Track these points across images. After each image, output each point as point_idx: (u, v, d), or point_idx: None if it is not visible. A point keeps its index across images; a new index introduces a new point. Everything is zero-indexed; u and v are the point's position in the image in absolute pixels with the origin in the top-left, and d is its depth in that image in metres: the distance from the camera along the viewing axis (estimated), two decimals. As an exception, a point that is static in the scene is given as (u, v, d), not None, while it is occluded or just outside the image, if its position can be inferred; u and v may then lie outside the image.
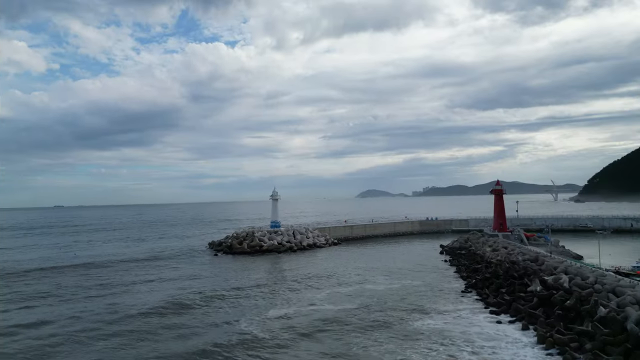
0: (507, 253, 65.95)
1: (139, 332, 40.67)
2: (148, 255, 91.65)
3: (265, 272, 70.74)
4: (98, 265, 78.56)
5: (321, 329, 40.95)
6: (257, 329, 40.80)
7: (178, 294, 55.11)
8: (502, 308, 45.08)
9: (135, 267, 77.01)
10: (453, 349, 35.21)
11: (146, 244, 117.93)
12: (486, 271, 58.75)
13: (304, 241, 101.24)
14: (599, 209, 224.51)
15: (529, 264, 56.13)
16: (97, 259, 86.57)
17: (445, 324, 41.97)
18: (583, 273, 46.28)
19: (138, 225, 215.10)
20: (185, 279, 65.62)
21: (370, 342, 37.23)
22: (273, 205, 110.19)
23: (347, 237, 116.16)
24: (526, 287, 48.15)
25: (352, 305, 49.62)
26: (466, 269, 65.50)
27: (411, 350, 35.30)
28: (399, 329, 40.72)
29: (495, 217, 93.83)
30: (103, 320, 44.51)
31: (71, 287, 60.48)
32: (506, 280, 52.69)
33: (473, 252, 77.63)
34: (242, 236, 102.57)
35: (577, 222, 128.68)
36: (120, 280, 65.00)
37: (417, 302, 50.52)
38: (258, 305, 50.11)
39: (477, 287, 54.72)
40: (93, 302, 52.59)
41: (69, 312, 47.93)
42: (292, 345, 36.80)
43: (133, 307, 49.13)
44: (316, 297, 53.34)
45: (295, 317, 44.86)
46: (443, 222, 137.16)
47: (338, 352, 35.12)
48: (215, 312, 47.55)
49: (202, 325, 42.51)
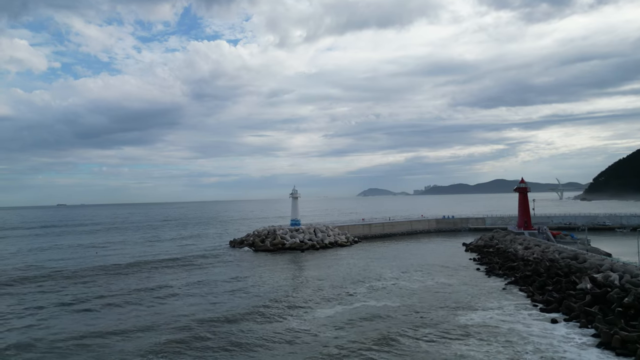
0: (542, 251, 65.43)
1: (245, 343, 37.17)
2: (176, 255, 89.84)
3: (299, 270, 70.13)
4: (136, 267, 75.80)
5: (367, 326, 40.57)
6: (305, 326, 40.43)
7: (244, 298, 52.34)
8: (553, 306, 44.53)
9: (173, 268, 74.74)
10: (513, 347, 34.65)
11: (167, 243, 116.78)
12: (525, 269, 58.20)
13: (326, 239, 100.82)
14: (609, 207, 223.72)
15: (570, 262, 55.62)
16: (128, 259, 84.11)
17: (494, 320, 41.41)
18: (631, 271, 45.75)
19: (149, 224, 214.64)
20: (234, 280, 62.66)
21: (423, 339, 36.84)
22: (293, 204, 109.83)
23: (366, 235, 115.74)
24: (574, 285, 47.66)
25: (393, 302, 49.16)
26: (500, 267, 65.00)
27: (466, 346, 34.84)
28: (448, 326, 40.17)
29: (519, 214, 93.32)
30: (200, 326, 40.80)
31: (128, 290, 56.52)
32: (550, 277, 52.16)
33: (503, 250, 77.11)
34: (263, 234, 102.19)
35: (595, 220, 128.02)
36: (170, 283, 61.27)
37: (457, 299, 50.04)
38: (304, 301, 49.80)
39: (518, 285, 54.28)
40: (165, 306, 48.67)
41: (150, 319, 43.81)
42: (344, 341, 36.31)
43: (213, 312, 45.49)
44: (356, 293, 52.86)
45: (340, 314, 44.53)
46: (459, 220, 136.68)
47: (394, 349, 34.63)
48: (275, 315, 47.03)
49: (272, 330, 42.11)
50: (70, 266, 77.56)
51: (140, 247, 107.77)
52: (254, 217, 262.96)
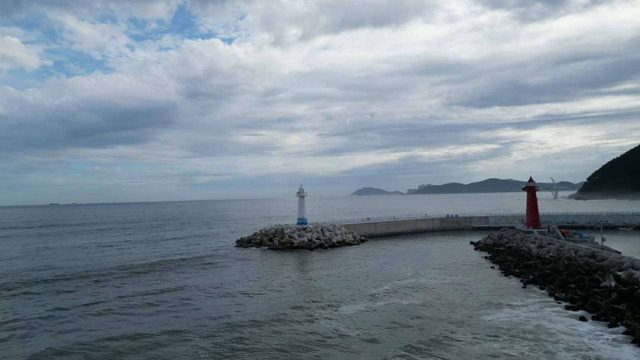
0: (557, 249, 65.84)
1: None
2: (185, 255, 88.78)
3: (314, 270, 69.74)
4: (147, 267, 74.75)
5: (398, 324, 40.64)
6: (340, 325, 40.36)
7: (267, 299, 51.52)
8: (578, 303, 44.80)
9: (184, 268, 73.74)
10: (545, 345, 34.60)
11: (172, 243, 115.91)
12: (544, 267, 58.48)
13: (334, 238, 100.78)
14: (606, 206, 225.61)
15: (589, 260, 56.03)
16: (138, 259, 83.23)
17: (521, 319, 41.60)
18: (655, 268, 46.20)
19: (149, 223, 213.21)
20: (251, 281, 61.60)
21: (455, 337, 36.86)
22: (300, 202, 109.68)
23: (372, 234, 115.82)
24: (597, 282, 47.98)
25: (417, 300, 49.32)
26: (516, 265, 65.28)
27: (497, 344, 35.08)
28: (477, 324, 40.40)
29: (528, 213, 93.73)
30: (232, 330, 39.85)
31: (145, 292, 55.50)
32: (571, 275, 52.47)
33: (515, 248, 77.49)
34: (271, 233, 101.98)
35: (597, 219, 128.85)
36: (186, 283, 60.10)
37: (480, 296, 50.29)
38: (332, 299, 49.81)
39: (538, 283, 54.54)
40: (188, 309, 47.24)
41: (176, 322, 42.65)
42: (380, 340, 36.30)
43: (241, 315, 44.32)
44: (379, 292, 52.89)
45: (369, 312, 44.56)
46: (463, 219, 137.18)
47: (427, 347, 34.62)
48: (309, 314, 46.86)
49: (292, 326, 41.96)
50: (81, 266, 76.89)
51: (147, 247, 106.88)
52: (253, 216, 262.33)
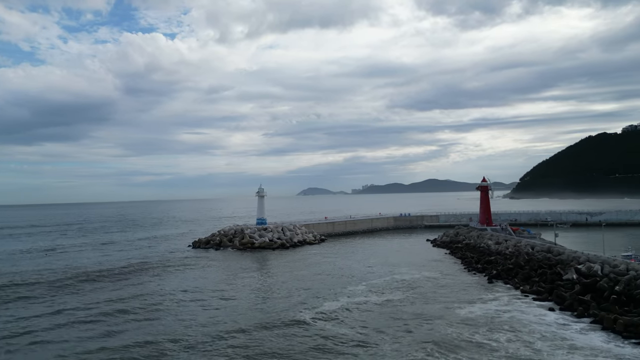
0: (514, 245, 69.65)
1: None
2: (144, 259, 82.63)
3: (283, 270, 68.78)
4: (105, 272, 68.79)
5: (382, 320, 41.46)
6: (328, 325, 40.39)
7: (243, 303, 49.88)
8: (544, 295, 47.75)
9: (143, 272, 68.79)
10: (521, 335, 36.47)
11: (122, 246, 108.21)
12: (506, 262, 61.64)
13: (295, 238, 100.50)
14: (539, 205, 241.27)
15: (547, 255, 59.73)
16: (92, 265, 75.98)
17: (494, 311, 43.66)
18: (609, 262, 50.01)
19: (91, 225, 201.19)
20: (221, 284, 59.21)
21: (436, 329, 38.39)
22: (259, 202, 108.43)
23: (330, 234, 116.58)
24: (559, 276, 51.27)
25: (394, 296, 50.41)
26: (477, 261, 68.38)
27: (479, 335, 36.79)
28: (453, 317, 42.04)
29: (481, 211, 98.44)
30: (215, 341, 36.91)
31: (110, 300, 50.97)
32: (534, 270, 55.71)
33: (473, 245, 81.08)
34: (230, 233, 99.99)
35: (537, 217, 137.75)
36: (152, 290, 55.81)
37: (451, 291, 52.50)
38: (310, 298, 49.54)
39: (502, 278, 57.38)
40: (161, 316, 44.02)
41: (150, 330, 40.88)
42: (371, 337, 36.74)
43: (221, 323, 41.51)
44: (356, 289, 53.49)
45: (351, 306, 45.14)
46: (415, 217, 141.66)
47: (419, 342, 35.51)
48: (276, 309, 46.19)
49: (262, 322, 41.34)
50: (28, 272, 70.87)
51: (95, 251, 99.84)
52: (200, 217, 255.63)
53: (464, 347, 34.20)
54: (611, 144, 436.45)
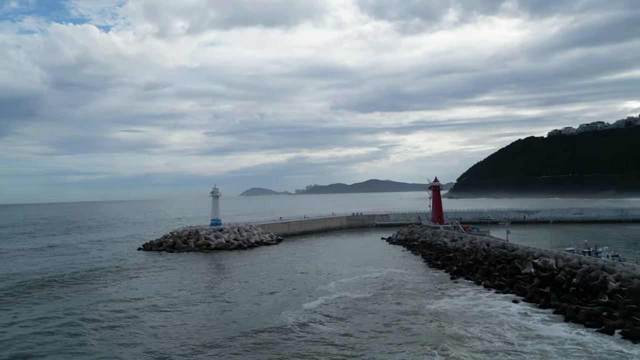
0: (470, 242, 72.95)
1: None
2: (91, 265, 75.85)
3: (246, 271, 67.32)
4: (50, 281, 62.83)
5: (360, 317, 42.18)
6: (306, 326, 40.29)
7: (217, 307, 47.91)
8: (506, 289, 50.42)
9: (99, 279, 63.01)
10: (492, 327, 38.42)
11: (64, 250, 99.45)
12: (466, 259, 64.38)
13: (252, 238, 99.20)
14: (478, 204, 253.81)
15: (502, 251, 63.09)
16: (35, 274, 68.52)
17: (463, 305, 45.60)
18: (562, 256, 53.69)
19: (21, 229, 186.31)
20: (186, 287, 56.78)
21: (414, 325, 39.67)
22: (214, 203, 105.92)
23: (285, 234, 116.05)
24: (517, 270, 54.32)
25: (366, 293, 51.18)
26: (437, 258, 70.97)
27: (454, 327, 38.56)
28: (427, 312, 43.60)
29: (434, 210, 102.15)
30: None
31: (70, 313, 46.17)
32: (492, 265, 58.63)
33: (429, 242, 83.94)
34: (184, 235, 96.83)
35: (480, 215, 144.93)
36: (112, 297, 52.12)
37: (419, 287, 54.33)
38: (286, 299, 48.95)
39: (463, 273, 59.91)
40: (143, 332, 39.43)
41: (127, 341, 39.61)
42: (350, 334, 37.18)
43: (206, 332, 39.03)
44: (328, 288, 53.68)
45: (329, 306, 45.34)
46: (367, 217, 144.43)
47: (398, 337, 36.40)
48: (252, 311, 45.24)
49: (248, 322, 40.52)
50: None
51: (34, 256, 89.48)
52: (146, 219, 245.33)
53: (446, 340, 35.40)
54: (538, 147, 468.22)
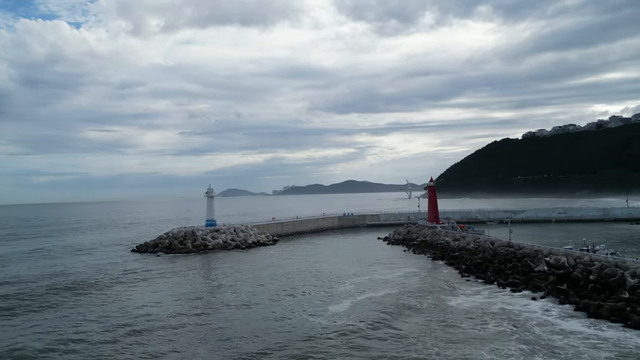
0: (474, 241, 74.04)
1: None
2: (87, 270, 71.46)
3: (254, 273, 65.80)
4: (57, 289, 58.79)
5: (389, 315, 42.41)
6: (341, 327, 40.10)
7: (239, 311, 47.81)
8: (521, 287, 51.30)
9: (97, 289, 57.93)
10: (518, 323, 39.03)
11: (52, 255, 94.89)
12: (474, 257, 65.27)
13: (249, 239, 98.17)
14: (458, 204, 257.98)
15: (509, 249, 64.23)
16: (38, 278, 65.59)
17: (481, 303, 46.26)
18: (572, 254, 55.07)
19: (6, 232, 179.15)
20: (193, 292, 54.43)
21: (445, 320, 40.39)
22: (208, 203, 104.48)
23: (280, 234, 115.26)
24: (529, 268, 55.42)
25: (388, 291, 51.34)
26: (442, 257, 71.87)
27: (491, 324, 39.00)
28: (449, 309, 44.31)
29: (430, 210, 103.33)
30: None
31: (85, 319, 44.16)
32: (503, 263, 59.59)
33: (430, 242, 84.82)
34: (180, 236, 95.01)
35: (468, 215, 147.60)
36: (124, 305, 48.66)
37: (435, 285, 54.99)
38: (308, 303, 48.28)
39: (472, 272, 60.69)
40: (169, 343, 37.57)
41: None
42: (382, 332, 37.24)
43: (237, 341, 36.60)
44: (347, 289, 53.39)
45: (357, 307, 45.11)
46: (358, 217, 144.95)
47: (434, 335, 36.66)
48: (272, 316, 44.65)
49: (275, 327, 40.03)
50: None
51: (28, 261, 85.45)
52: (125, 220, 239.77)
53: (482, 337, 35.88)
54: (513, 148, 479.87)
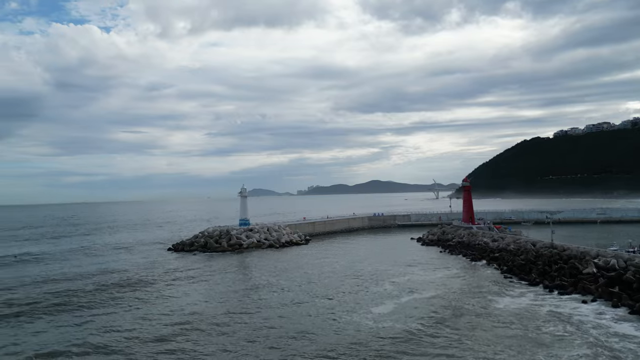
0: (514, 242, 72.49)
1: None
2: (123, 270, 71.85)
3: (294, 272, 65.78)
4: (111, 286, 59.06)
5: (437, 316, 41.85)
6: (389, 324, 39.79)
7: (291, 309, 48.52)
8: (569, 289, 49.82)
9: (143, 289, 57.40)
10: (571, 326, 37.96)
11: (93, 253, 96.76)
12: (515, 259, 63.86)
13: (282, 238, 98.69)
14: (489, 204, 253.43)
15: (552, 251, 62.53)
16: (83, 275, 66.89)
17: (529, 304, 45.09)
18: (621, 255, 53.18)
19: (34, 231, 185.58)
20: (243, 290, 54.98)
21: (500, 323, 39.48)
22: (242, 202, 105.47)
23: (311, 233, 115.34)
24: (576, 270, 53.81)
25: (431, 293, 50.60)
26: (480, 258, 70.72)
27: (545, 328, 37.91)
28: (497, 311, 43.20)
29: (465, 210, 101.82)
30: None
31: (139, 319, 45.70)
32: (548, 265, 58.07)
33: (467, 242, 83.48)
34: (216, 235, 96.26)
35: (502, 216, 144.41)
36: (179, 307, 47.94)
37: (478, 287, 53.85)
38: (352, 303, 48.00)
39: (515, 273, 59.39)
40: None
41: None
42: (437, 332, 36.68)
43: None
44: (387, 290, 52.91)
45: (402, 309, 44.67)
46: (388, 217, 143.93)
47: (491, 336, 35.87)
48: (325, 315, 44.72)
49: (323, 327, 40.04)
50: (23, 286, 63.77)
51: (75, 259, 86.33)
52: (159, 220, 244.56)
53: (538, 340, 34.99)
54: (545, 147, 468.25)
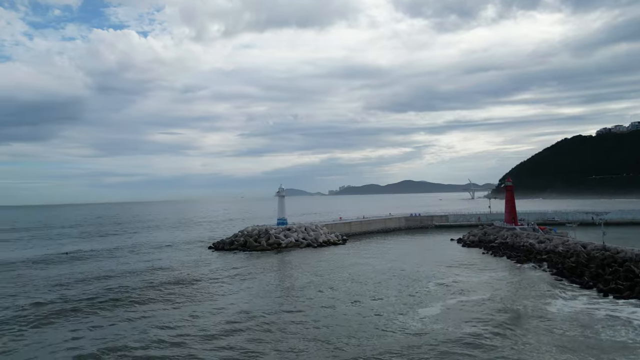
0: (563, 244, 70.08)
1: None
2: (169, 268, 72.60)
3: (337, 273, 65.01)
4: (160, 284, 59.71)
5: (487, 319, 40.87)
6: (439, 326, 39.14)
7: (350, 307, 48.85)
8: (626, 293, 47.63)
9: (191, 287, 58.06)
10: (629, 333, 36.35)
11: (137, 252, 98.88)
12: (565, 261, 61.68)
13: (319, 238, 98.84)
14: (528, 204, 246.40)
15: (605, 253, 60.04)
16: (135, 274, 67.53)
17: (584, 308, 43.61)
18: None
19: (80, 229, 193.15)
20: (289, 289, 55.89)
21: (549, 326, 38.39)
22: (280, 202, 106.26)
23: (347, 234, 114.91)
24: (632, 273, 51.41)
25: (481, 296, 49.49)
26: (528, 259, 68.80)
27: (589, 331, 36.78)
28: (550, 315, 41.87)
29: (507, 211, 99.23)
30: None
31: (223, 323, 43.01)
32: (601, 267, 55.77)
33: (511, 244, 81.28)
34: (255, 234, 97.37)
35: (544, 216, 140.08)
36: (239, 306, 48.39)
37: (528, 289, 52.48)
38: (398, 304, 47.57)
39: (565, 276, 57.40)
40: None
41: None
42: (487, 336, 35.76)
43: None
44: (432, 291, 52.17)
45: (450, 311, 43.81)
46: (426, 217, 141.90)
47: (542, 341, 34.72)
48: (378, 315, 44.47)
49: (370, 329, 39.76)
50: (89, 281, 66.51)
51: (122, 257, 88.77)
52: (198, 219, 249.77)
53: (596, 346, 33.66)
54: (586, 146, 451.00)
